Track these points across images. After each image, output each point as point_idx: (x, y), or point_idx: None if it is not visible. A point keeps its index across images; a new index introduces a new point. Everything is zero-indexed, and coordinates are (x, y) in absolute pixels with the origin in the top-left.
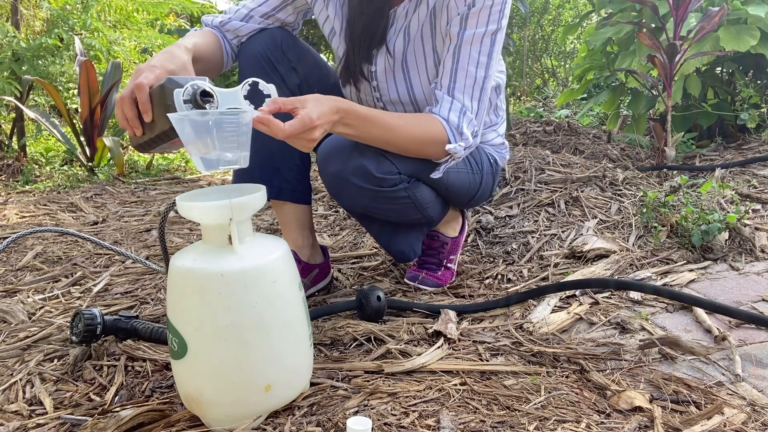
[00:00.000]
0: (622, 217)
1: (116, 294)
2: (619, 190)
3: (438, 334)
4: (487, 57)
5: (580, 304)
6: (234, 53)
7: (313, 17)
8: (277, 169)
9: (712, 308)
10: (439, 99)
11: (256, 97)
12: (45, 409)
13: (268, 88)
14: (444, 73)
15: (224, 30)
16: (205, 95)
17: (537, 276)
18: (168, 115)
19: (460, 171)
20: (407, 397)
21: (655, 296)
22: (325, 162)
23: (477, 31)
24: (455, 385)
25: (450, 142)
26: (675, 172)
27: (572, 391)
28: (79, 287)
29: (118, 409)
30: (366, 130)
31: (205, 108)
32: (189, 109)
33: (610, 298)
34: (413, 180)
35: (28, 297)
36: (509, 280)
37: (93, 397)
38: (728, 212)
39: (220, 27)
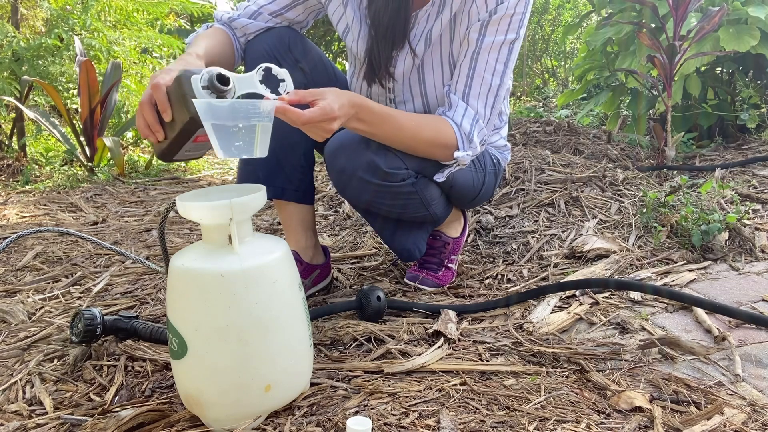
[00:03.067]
0: (622, 217)
1: (116, 294)
2: (619, 190)
3: (438, 334)
4: (503, 66)
5: (580, 304)
6: (243, 51)
7: (324, 15)
8: (281, 169)
9: (712, 308)
10: (453, 103)
11: (268, 84)
12: (45, 409)
13: (281, 73)
14: (460, 78)
15: (233, 27)
16: (222, 79)
17: (537, 276)
18: (193, 100)
19: (464, 170)
20: (407, 397)
21: (655, 296)
22: (333, 156)
23: (496, 39)
24: (455, 385)
25: (459, 149)
26: (675, 172)
27: (572, 391)
28: (79, 287)
29: (118, 409)
30: (379, 127)
31: (224, 90)
32: (208, 95)
33: (610, 298)
34: (420, 176)
35: (28, 297)
36: (509, 280)
37: (93, 397)
38: (728, 212)
39: (229, 23)
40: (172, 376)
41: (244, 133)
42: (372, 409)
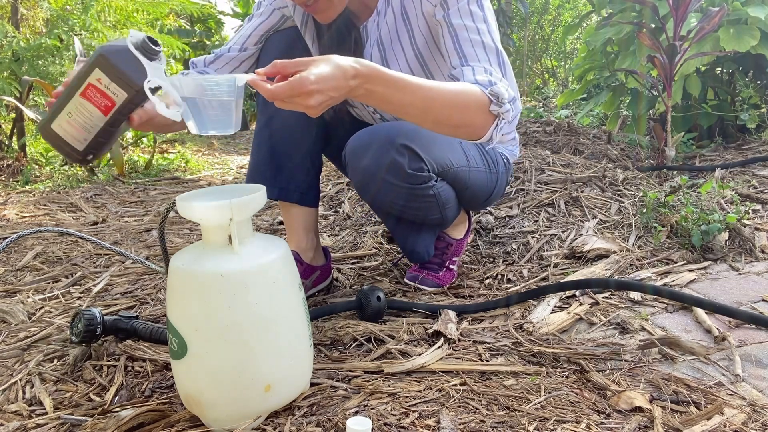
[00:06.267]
0: (622, 218)
1: (116, 294)
2: (619, 190)
3: (438, 334)
4: (483, 23)
5: (580, 304)
6: None
7: None
8: (287, 171)
9: (713, 308)
10: (458, 75)
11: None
12: (45, 409)
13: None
14: (451, 55)
15: (213, 68)
16: (152, 41)
17: (537, 276)
18: (157, 78)
19: (479, 170)
20: (407, 397)
21: (655, 296)
22: (355, 156)
23: (461, 5)
24: (455, 385)
25: (492, 102)
26: (675, 172)
27: (572, 391)
28: (79, 287)
29: (118, 409)
30: (397, 98)
31: (156, 52)
32: (140, 53)
33: (610, 298)
34: (439, 179)
35: (28, 297)
36: (509, 281)
37: (93, 397)
38: (728, 212)
39: (207, 66)
40: (172, 376)
41: (214, 108)
42: (372, 409)
